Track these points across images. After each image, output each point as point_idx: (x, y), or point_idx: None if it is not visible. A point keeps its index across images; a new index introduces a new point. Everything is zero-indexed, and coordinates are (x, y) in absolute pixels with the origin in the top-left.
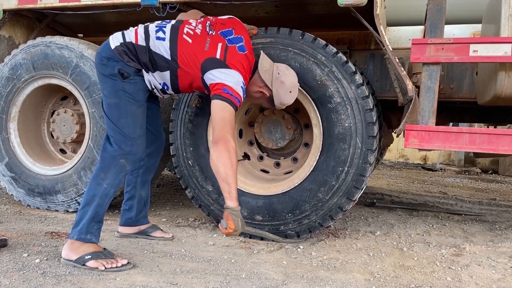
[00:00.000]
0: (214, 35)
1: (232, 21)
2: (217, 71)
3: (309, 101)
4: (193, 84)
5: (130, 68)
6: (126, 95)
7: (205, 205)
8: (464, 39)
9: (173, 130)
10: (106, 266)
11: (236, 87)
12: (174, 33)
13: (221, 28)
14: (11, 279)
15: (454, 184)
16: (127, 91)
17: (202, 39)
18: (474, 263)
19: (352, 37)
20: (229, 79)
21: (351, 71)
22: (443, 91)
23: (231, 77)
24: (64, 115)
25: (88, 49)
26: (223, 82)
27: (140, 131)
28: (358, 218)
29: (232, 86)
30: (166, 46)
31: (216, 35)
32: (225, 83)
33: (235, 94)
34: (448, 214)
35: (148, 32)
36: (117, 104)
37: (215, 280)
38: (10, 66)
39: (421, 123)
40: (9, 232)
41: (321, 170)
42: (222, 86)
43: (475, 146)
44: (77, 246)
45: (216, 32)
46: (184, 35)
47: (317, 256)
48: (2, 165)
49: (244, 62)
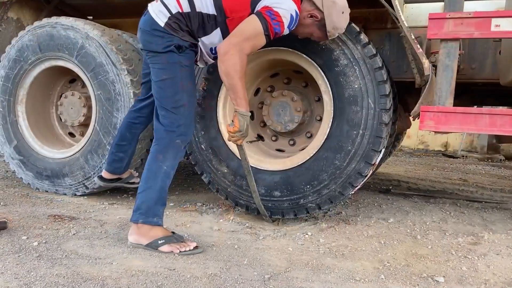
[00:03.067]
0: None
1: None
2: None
3: (315, 68)
4: None
5: (186, 42)
6: (183, 69)
7: (222, 188)
8: (485, 12)
9: None
10: (181, 249)
11: (285, 14)
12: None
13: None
14: (4, 262)
15: (476, 171)
16: (184, 64)
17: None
18: (492, 252)
19: (367, 15)
20: (280, 5)
21: (355, 31)
22: (464, 71)
23: (282, 3)
24: (71, 98)
25: (94, 29)
26: (272, 6)
27: (192, 111)
28: (372, 204)
29: (279, 12)
30: (209, 1)
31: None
32: (272, 7)
33: (277, 20)
34: (467, 201)
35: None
36: (172, 79)
37: (215, 266)
38: (17, 48)
39: (437, 104)
40: (11, 214)
41: (335, 137)
42: (268, 8)
43: (496, 128)
44: (145, 230)
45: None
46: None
47: (325, 243)
48: (11, 148)
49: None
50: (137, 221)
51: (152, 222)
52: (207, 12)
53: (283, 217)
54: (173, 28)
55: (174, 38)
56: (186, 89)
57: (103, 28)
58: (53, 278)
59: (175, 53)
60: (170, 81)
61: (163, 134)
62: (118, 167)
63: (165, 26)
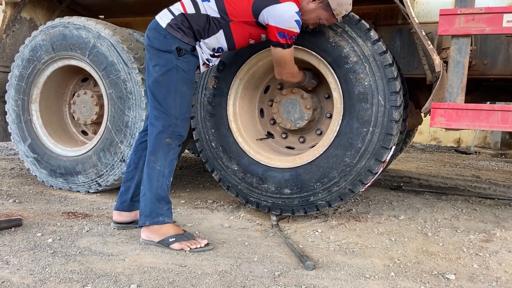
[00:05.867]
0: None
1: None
2: (269, 12)
3: (325, 65)
4: (248, 34)
5: (186, 45)
6: (180, 73)
7: (232, 186)
8: (497, 8)
9: (194, 115)
10: (191, 247)
11: (291, 25)
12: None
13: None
14: (20, 258)
15: (489, 168)
16: (181, 69)
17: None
18: (504, 250)
19: (377, 11)
20: (281, 19)
21: (365, 28)
22: (476, 67)
23: (283, 15)
24: (84, 96)
25: (105, 29)
26: (276, 26)
27: (185, 112)
28: (382, 201)
29: (286, 28)
30: (212, 5)
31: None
32: (278, 27)
33: (290, 34)
34: (480, 198)
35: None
36: (168, 81)
37: (226, 263)
38: (30, 48)
39: (448, 101)
40: (26, 212)
41: (345, 134)
42: (277, 31)
43: (508, 124)
44: (156, 229)
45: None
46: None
47: (336, 240)
48: (25, 146)
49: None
50: (144, 224)
51: (158, 222)
52: (211, 14)
53: (293, 214)
54: (173, 28)
55: (175, 40)
56: (180, 92)
57: (114, 27)
58: (67, 274)
59: (175, 56)
60: (164, 82)
61: (154, 136)
62: (125, 200)
63: (167, 27)
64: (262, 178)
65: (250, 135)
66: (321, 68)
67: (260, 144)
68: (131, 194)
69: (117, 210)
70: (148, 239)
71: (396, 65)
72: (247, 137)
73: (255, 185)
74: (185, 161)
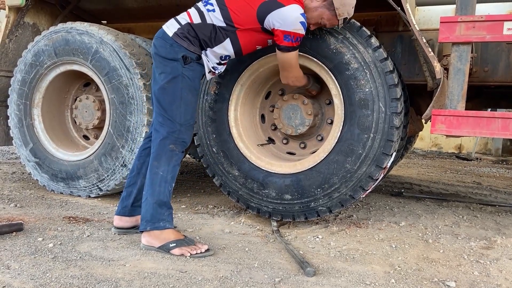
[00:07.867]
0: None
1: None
2: (274, 16)
3: (326, 72)
4: (255, 40)
5: (192, 53)
6: (185, 81)
7: (233, 191)
8: (497, 16)
9: (195, 121)
10: (192, 252)
11: (296, 27)
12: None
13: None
14: (21, 263)
15: (490, 174)
16: (186, 76)
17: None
18: (505, 257)
19: (378, 18)
20: (287, 22)
21: (366, 35)
22: (477, 74)
23: (288, 18)
24: (86, 101)
25: (108, 34)
26: (282, 29)
27: (190, 119)
28: (383, 208)
29: (292, 31)
30: (218, 15)
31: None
32: (283, 30)
33: (295, 36)
34: (481, 205)
35: (199, 8)
36: (173, 88)
37: (226, 269)
38: (33, 53)
39: (449, 108)
40: (27, 216)
41: (346, 140)
42: (282, 34)
43: (509, 132)
44: (156, 234)
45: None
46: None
47: (336, 246)
48: (27, 151)
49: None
50: (145, 229)
51: (159, 227)
52: (217, 24)
53: (294, 220)
54: (180, 37)
55: (181, 48)
56: (185, 99)
57: (116, 33)
58: (68, 279)
59: (180, 64)
60: (170, 90)
61: (158, 141)
62: (126, 205)
63: (173, 36)
64: (263, 184)
65: (251, 141)
66: (322, 75)
67: (261, 149)
68: (132, 199)
69: (118, 215)
70: (148, 244)
71: (397, 72)
72: (248, 142)
73: (256, 191)
74: (186, 166)
